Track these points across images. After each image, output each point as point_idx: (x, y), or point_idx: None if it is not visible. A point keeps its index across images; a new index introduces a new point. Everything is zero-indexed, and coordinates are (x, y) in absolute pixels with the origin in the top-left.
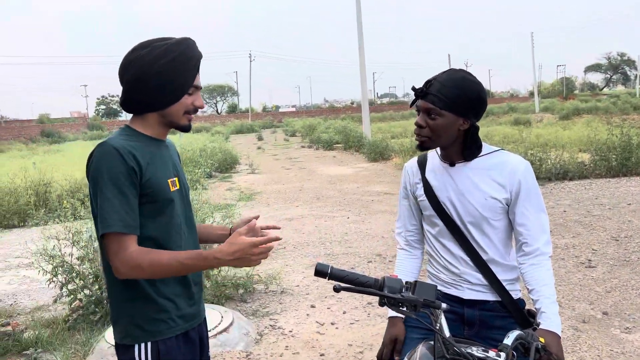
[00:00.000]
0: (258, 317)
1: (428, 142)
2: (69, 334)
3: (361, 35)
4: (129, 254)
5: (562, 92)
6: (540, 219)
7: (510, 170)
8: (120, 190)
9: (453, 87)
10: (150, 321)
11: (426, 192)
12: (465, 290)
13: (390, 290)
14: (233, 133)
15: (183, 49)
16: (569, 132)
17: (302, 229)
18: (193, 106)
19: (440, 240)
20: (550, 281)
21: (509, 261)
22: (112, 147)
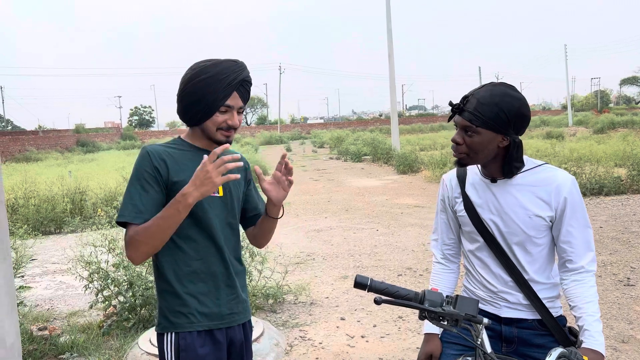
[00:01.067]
0: (288, 327)
1: (466, 159)
2: (103, 339)
3: (391, 45)
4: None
5: (597, 106)
6: (586, 236)
7: (556, 187)
8: (142, 186)
9: (491, 105)
10: (173, 313)
11: (466, 208)
12: (503, 308)
13: (431, 303)
14: (262, 144)
15: (218, 70)
16: (604, 147)
17: (331, 240)
18: (226, 124)
19: (479, 257)
20: (594, 298)
21: (551, 279)
22: (146, 150)
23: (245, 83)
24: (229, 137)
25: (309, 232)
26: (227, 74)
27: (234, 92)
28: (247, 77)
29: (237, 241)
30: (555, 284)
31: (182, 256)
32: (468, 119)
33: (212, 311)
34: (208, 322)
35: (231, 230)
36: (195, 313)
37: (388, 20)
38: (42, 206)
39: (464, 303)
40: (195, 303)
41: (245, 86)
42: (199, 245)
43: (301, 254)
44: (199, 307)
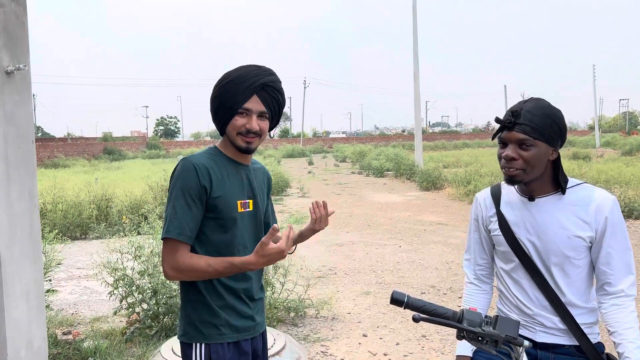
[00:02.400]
0: (309, 342)
1: (521, 175)
2: (125, 346)
3: (417, 66)
4: (176, 259)
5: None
6: (626, 258)
7: (597, 207)
8: (187, 202)
9: (544, 116)
10: (204, 324)
11: (501, 227)
12: (539, 332)
13: (469, 323)
14: (284, 157)
15: (239, 74)
16: (632, 169)
17: (353, 255)
18: (244, 128)
19: (514, 278)
20: (635, 324)
21: (589, 303)
22: (192, 163)
23: (267, 87)
24: (250, 144)
25: (330, 246)
26: (247, 78)
27: (253, 96)
28: (269, 81)
29: None
30: (594, 308)
31: None
32: (524, 132)
33: (240, 324)
34: (237, 333)
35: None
36: (226, 325)
37: (415, 43)
38: (69, 212)
39: (505, 324)
40: (225, 315)
41: (267, 91)
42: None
43: (323, 268)
44: (230, 319)
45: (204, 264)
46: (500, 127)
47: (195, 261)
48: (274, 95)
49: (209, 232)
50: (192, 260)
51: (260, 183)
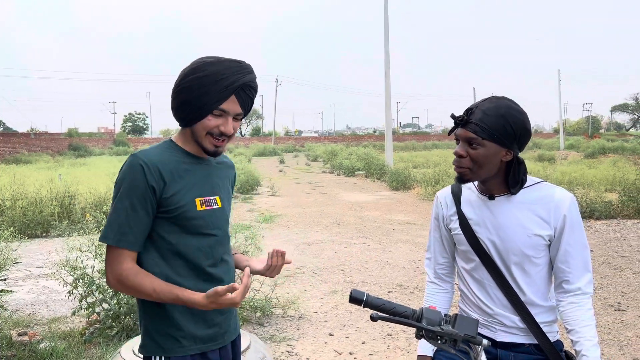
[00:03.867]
0: (275, 342)
1: (469, 174)
2: (84, 347)
3: (388, 65)
4: (119, 270)
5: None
6: (584, 256)
7: (556, 205)
8: (132, 205)
9: (497, 116)
10: (163, 336)
11: (462, 226)
12: (499, 332)
13: (428, 322)
14: (255, 155)
15: (217, 70)
16: (594, 171)
17: (322, 254)
18: (218, 130)
19: (475, 277)
20: (592, 322)
21: (548, 302)
22: (140, 161)
23: (247, 88)
24: (219, 147)
25: (299, 244)
26: (227, 75)
27: (231, 96)
28: (250, 82)
29: (231, 252)
30: (553, 307)
31: (174, 272)
32: (473, 131)
33: (206, 333)
34: (201, 344)
35: (226, 242)
36: (188, 337)
37: (386, 42)
38: (29, 208)
39: (464, 323)
40: (188, 326)
41: (247, 92)
42: (193, 261)
43: (291, 267)
44: (193, 330)
45: (149, 287)
46: (454, 123)
47: (140, 281)
48: (250, 95)
49: (166, 234)
50: (137, 279)
51: (225, 179)
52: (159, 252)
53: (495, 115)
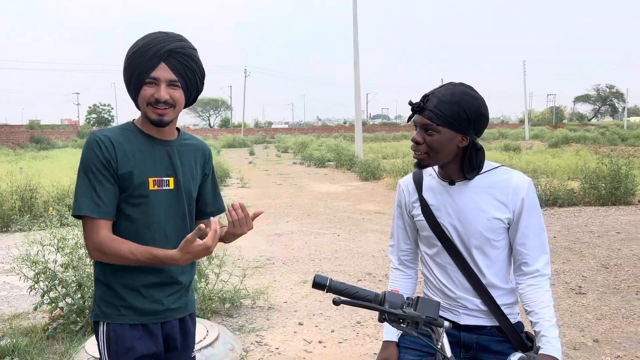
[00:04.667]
0: (244, 332)
1: (426, 159)
2: (47, 343)
3: (357, 56)
4: (97, 239)
5: (552, 121)
6: (541, 238)
7: (514, 189)
8: (95, 177)
9: (451, 103)
10: (105, 303)
11: (424, 212)
12: (462, 315)
13: (391, 305)
14: (225, 147)
15: (145, 42)
16: (558, 160)
17: (292, 244)
18: (153, 98)
19: (438, 262)
20: (550, 303)
21: (509, 284)
22: (95, 137)
23: (175, 54)
24: (162, 116)
25: (269, 236)
26: (153, 45)
27: (160, 64)
28: (177, 47)
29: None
30: (514, 289)
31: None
32: (428, 117)
33: (147, 307)
34: (140, 316)
35: (182, 223)
36: (127, 307)
37: (355, 31)
38: None
39: (425, 305)
40: (129, 297)
41: (177, 57)
42: (140, 239)
43: (261, 258)
44: (133, 301)
45: (126, 250)
46: (411, 110)
47: (118, 246)
48: (185, 62)
49: (118, 210)
50: (115, 244)
51: (189, 160)
52: (118, 226)
53: (450, 101)
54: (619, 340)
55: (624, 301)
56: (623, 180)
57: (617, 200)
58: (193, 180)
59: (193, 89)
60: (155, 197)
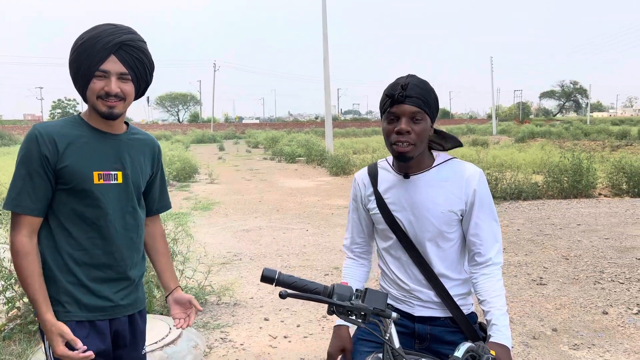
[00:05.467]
0: (208, 329)
1: (412, 150)
2: (3, 344)
3: (326, 50)
4: (15, 238)
5: (519, 116)
6: (493, 228)
7: (466, 180)
8: (28, 172)
9: (428, 90)
10: (53, 301)
11: (379, 206)
12: (416, 307)
13: (339, 297)
14: (194, 142)
15: (93, 35)
16: (524, 155)
17: (260, 240)
18: (103, 91)
19: (393, 255)
20: (502, 292)
21: (462, 274)
22: (36, 131)
23: (126, 47)
24: (112, 108)
25: (237, 232)
26: (102, 37)
27: (110, 56)
28: (127, 40)
29: (138, 231)
30: (467, 279)
31: (65, 243)
32: (417, 105)
33: (94, 303)
34: (87, 313)
35: (131, 218)
36: (73, 303)
37: (324, 25)
38: None
39: (373, 297)
40: (75, 292)
41: (127, 50)
42: (87, 234)
43: (227, 254)
44: (79, 297)
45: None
46: (390, 101)
47: (23, 263)
48: (135, 55)
49: (61, 204)
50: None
51: (137, 155)
52: (59, 220)
53: (427, 89)
54: (577, 329)
55: (582, 291)
56: (584, 173)
57: (578, 193)
58: (142, 175)
59: (143, 82)
60: (101, 191)
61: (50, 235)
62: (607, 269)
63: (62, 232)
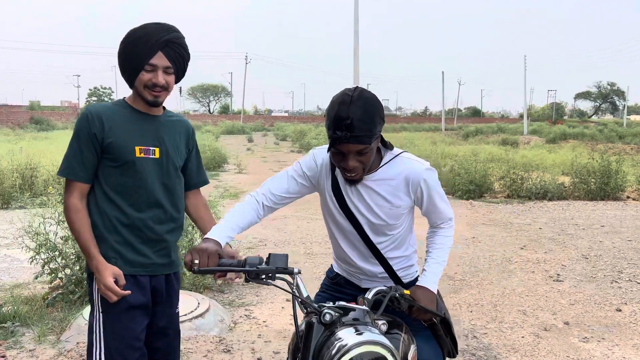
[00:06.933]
0: (234, 306)
1: (361, 175)
2: (47, 310)
3: (357, 45)
4: (67, 200)
5: (552, 117)
6: (444, 207)
7: (414, 178)
8: (79, 146)
9: (372, 116)
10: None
11: (334, 191)
12: (363, 280)
13: (250, 266)
14: (224, 133)
15: (142, 33)
16: (554, 155)
17: (284, 228)
18: (151, 82)
19: (342, 236)
20: (444, 245)
21: (407, 251)
22: (88, 112)
23: (171, 44)
24: (157, 97)
25: (263, 219)
26: (152, 35)
27: (158, 52)
28: (173, 38)
29: (174, 200)
30: (411, 254)
31: (111, 209)
32: (362, 142)
33: (136, 259)
34: (130, 267)
35: (166, 190)
36: (119, 258)
37: (355, 20)
38: None
39: (276, 259)
40: (121, 250)
41: (172, 47)
42: (129, 200)
43: (253, 240)
44: (125, 254)
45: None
46: (334, 139)
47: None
48: (178, 51)
49: (108, 175)
50: (74, 216)
51: (173, 135)
52: (102, 189)
53: (371, 117)
54: (589, 323)
55: (598, 289)
56: (613, 176)
57: (606, 196)
58: (178, 152)
59: (181, 73)
60: (142, 163)
61: (99, 202)
62: (626, 269)
63: (108, 199)
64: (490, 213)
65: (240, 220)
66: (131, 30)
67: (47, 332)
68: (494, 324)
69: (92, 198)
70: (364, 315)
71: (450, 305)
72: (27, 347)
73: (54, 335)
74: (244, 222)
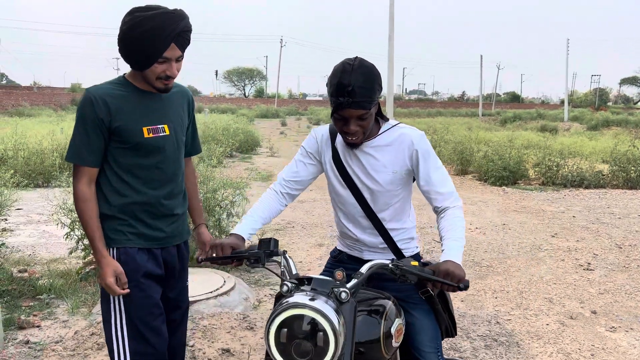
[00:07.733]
0: (259, 286)
1: (361, 139)
2: (80, 284)
3: (392, 28)
4: (76, 186)
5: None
6: (441, 176)
7: (409, 143)
8: (86, 131)
9: (372, 84)
10: (113, 231)
11: (335, 161)
12: (365, 252)
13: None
14: (258, 117)
15: (156, 24)
16: (594, 143)
17: (313, 211)
18: (165, 74)
19: (343, 209)
20: (458, 226)
21: (406, 224)
22: (91, 95)
23: (183, 33)
24: (168, 85)
25: (292, 203)
26: (164, 27)
27: (171, 44)
28: (185, 27)
29: (182, 174)
30: (411, 227)
31: (125, 189)
32: (362, 108)
33: (151, 234)
34: (145, 242)
35: (177, 164)
36: (135, 234)
37: (391, 5)
38: (31, 159)
39: (264, 243)
40: (137, 226)
41: (184, 36)
42: (142, 180)
43: (282, 222)
44: (140, 229)
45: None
46: (336, 105)
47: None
48: (187, 38)
49: (119, 156)
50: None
51: (177, 109)
52: (115, 171)
53: (371, 84)
54: (617, 313)
55: (630, 279)
56: None
57: None
58: (182, 125)
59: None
60: (152, 143)
61: (112, 183)
62: None
63: (121, 180)
64: (523, 200)
65: (263, 212)
66: (139, 19)
67: (79, 304)
68: (519, 311)
69: (105, 179)
70: (324, 285)
71: (475, 291)
72: (61, 319)
73: (86, 307)
74: (266, 214)
